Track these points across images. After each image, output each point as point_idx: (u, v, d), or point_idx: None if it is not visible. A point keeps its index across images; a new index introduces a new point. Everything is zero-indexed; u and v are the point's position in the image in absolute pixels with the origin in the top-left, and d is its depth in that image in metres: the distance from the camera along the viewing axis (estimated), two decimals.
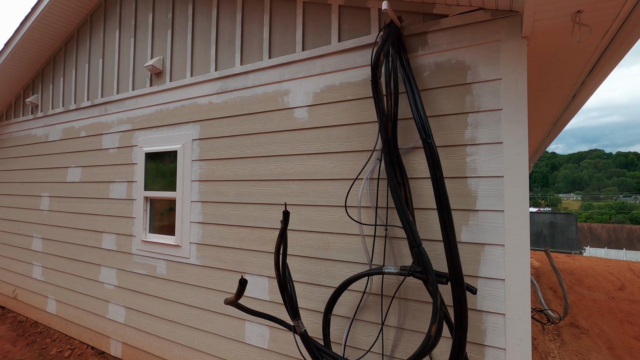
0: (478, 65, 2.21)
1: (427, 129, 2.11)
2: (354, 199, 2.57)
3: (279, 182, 2.95)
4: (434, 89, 2.34)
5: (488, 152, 2.16)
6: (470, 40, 2.22)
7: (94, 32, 4.66)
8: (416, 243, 2.06)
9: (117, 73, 4.29)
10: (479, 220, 2.17)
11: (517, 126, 2.07)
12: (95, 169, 4.45)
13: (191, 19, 3.59)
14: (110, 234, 4.23)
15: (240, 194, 3.16)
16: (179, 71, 3.67)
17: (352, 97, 2.63)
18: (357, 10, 2.65)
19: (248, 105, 3.15)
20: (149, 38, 3.97)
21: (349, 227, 2.60)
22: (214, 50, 3.40)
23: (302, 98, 2.86)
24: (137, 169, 3.98)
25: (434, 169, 2.05)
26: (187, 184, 3.51)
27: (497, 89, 2.14)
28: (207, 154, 3.39)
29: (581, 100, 3.32)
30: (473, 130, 2.21)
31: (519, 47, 2.08)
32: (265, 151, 3.03)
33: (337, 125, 2.69)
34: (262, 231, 3.03)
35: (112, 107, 4.29)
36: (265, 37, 3.07)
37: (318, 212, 2.74)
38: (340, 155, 2.66)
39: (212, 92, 3.38)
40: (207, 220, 3.37)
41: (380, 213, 2.47)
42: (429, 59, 2.36)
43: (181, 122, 3.61)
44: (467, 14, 2.22)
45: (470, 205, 2.19)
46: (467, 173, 2.21)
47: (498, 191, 2.12)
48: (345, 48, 2.65)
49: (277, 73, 2.99)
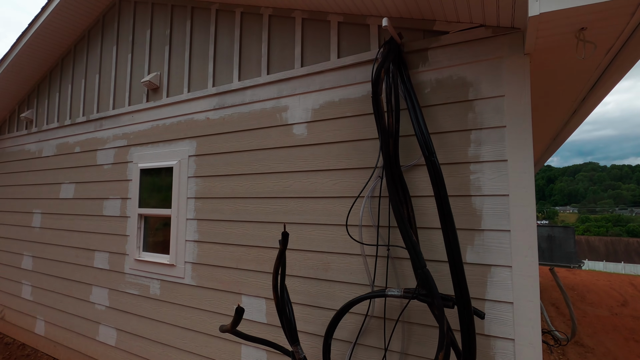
0: (480, 82, 2.17)
1: (430, 146, 2.06)
2: (355, 218, 2.49)
3: (277, 200, 2.87)
4: (435, 105, 2.30)
5: (492, 170, 2.10)
6: (472, 57, 2.20)
7: (91, 48, 4.64)
8: (420, 264, 1.98)
9: (114, 88, 4.25)
10: (484, 240, 2.10)
11: (522, 143, 2.02)
12: (89, 185, 4.36)
13: (189, 35, 3.57)
14: (102, 252, 4.11)
15: (237, 212, 3.08)
16: (176, 87, 3.64)
17: (352, 113, 2.59)
18: (356, 27, 2.64)
19: (246, 122, 3.10)
20: (146, 54, 3.94)
21: (350, 246, 2.51)
22: (211, 66, 3.37)
23: (301, 114, 2.81)
24: (131, 185, 3.89)
25: (438, 188, 1.99)
26: (183, 201, 3.43)
27: (500, 105, 2.11)
28: (204, 170, 3.32)
29: (582, 116, 3.30)
30: (476, 147, 2.16)
31: (521, 64, 2.05)
32: (263, 168, 2.97)
33: (337, 141, 2.63)
34: (259, 250, 2.93)
35: (107, 122, 4.23)
36: (264, 53, 3.05)
37: (318, 231, 2.66)
38: (341, 173, 2.60)
39: (209, 107, 3.34)
40: (202, 239, 3.27)
41: (382, 232, 2.39)
42: (430, 75, 2.33)
43: (177, 138, 3.55)
44: (467, 30, 2.20)
45: (475, 224, 2.12)
46: (471, 191, 2.15)
47: (504, 210, 2.05)
48: (344, 64, 2.62)
49: (276, 89, 2.95)
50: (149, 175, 3.77)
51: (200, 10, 3.53)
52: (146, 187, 3.79)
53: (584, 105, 2.98)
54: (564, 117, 3.39)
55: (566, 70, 2.27)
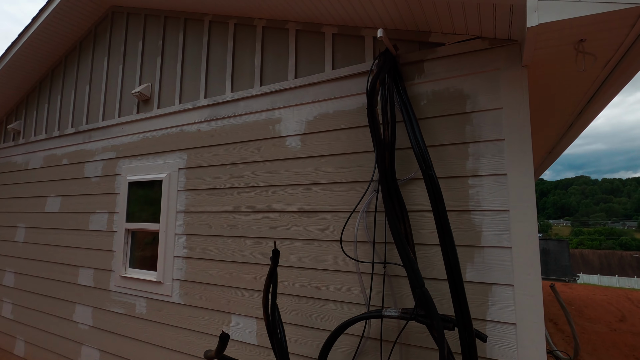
0: (477, 94, 2.13)
1: (427, 160, 1.99)
2: (350, 234, 2.40)
3: (270, 215, 2.77)
4: (432, 117, 2.24)
5: (492, 184, 2.03)
6: (469, 69, 2.16)
7: (82, 59, 4.57)
8: (419, 283, 1.88)
9: (104, 100, 4.16)
10: (484, 257, 2.01)
11: (522, 157, 1.96)
12: (75, 198, 4.22)
13: (182, 46, 3.52)
14: (87, 268, 3.95)
15: (228, 227, 2.97)
16: (167, 98, 3.56)
17: (346, 125, 2.52)
18: (351, 39, 2.60)
19: (238, 134, 3.02)
20: (137, 65, 3.88)
21: (345, 263, 2.41)
22: (204, 77, 3.30)
23: (294, 126, 2.74)
24: (119, 199, 3.77)
25: (436, 202, 1.91)
26: (172, 216, 3.31)
27: (498, 118, 2.05)
28: (194, 183, 3.22)
29: (577, 130, 3.28)
30: (475, 161, 2.09)
31: (519, 76, 2.01)
32: (255, 181, 2.88)
33: (331, 154, 2.56)
34: (250, 267, 2.81)
35: (96, 134, 4.12)
36: (257, 64, 2.99)
37: (311, 246, 2.56)
38: (335, 186, 2.52)
39: (200, 119, 3.26)
40: (191, 255, 3.14)
41: (378, 249, 2.30)
42: (426, 87, 2.28)
43: (168, 151, 3.45)
44: (464, 42, 2.17)
45: (475, 241, 2.04)
46: (470, 206, 2.08)
47: (504, 226, 1.98)
48: (339, 76, 2.57)
49: (269, 101, 2.89)
50: (138, 188, 3.66)
51: (193, 22, 3.49)
52: (134, 201, 3.67)
53: (580, 119, 2.96)
54: (560, 131, 3.36)
55: (563, 83, 2.24)
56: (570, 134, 3.45)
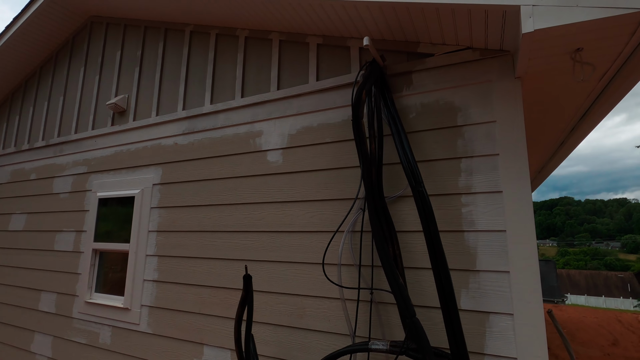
0: (469, 107, 2.00)
1: (417, 175, 1.83)
2: (334, 255, 2.20)
3: (248, 234, 2.56)
4: (421, 131, 2.11)
5: (486, 203, 1.88)
6: (459, 81, 2.04)
7: (57, 70, 4.37)
8: (409, 313, 1.68)
9: (78, 112, 3.94)
10: (480, 283, 1.84)
11: (518, 173, 1.82)
12: (42, 216, 3.92)
13: (161, 56, 3.37)
14: (50, 292, 3.61)
15: (204, 247, 2.73)
16: (144, 110, 3.37)
17: (331, 139, 2.37)
18: (336, 49, 2.48)
19: (216, 147, 2.83)
20: (114, 76, 3.70)
21: (328, 289, 2.20)
22: (182, 89, 3.14)
23: (276, 140, 2.58)
24: (88, 216, 3.49)
25: (427, 222, 1.74)
26: (143, 235, 3.05)
27: (491, 132, 1.93)
28: (169, 200, 3.00)
29: (569, 148, 3.20)
30: (467, 177, 1.95)
31: (512, 88, 1.90)
32: (233, 198, 2.67)
33: (315, 170, 2.39)
34: (226, 293, 2.57)
35: (68, 147, 3.88)
36: (239, 75, 2.85)
37: (292, 269, 2.34)
38: (319, 204, 2.33)
39: (178, 132, 3.07)
40: (163, 278, 2.88)
41: (364, 273, 2.10)
42: (415, 99, 2.16)
43: (142, 165, 3.23)
44: (454, 53, 2.06)
45: (470, 264, 1.87)
46: (463, 226, 1.91)
47: (501, 248, 1.81)
48: (323, 87, 2.44)
49: (250, 113, 2.73)
50: (109, 205, 3.40)
51: (174, 32, 3.35)
52: (104, 219, 3.40)
53: (572, 137, 2.88)
54: (550, 149, 3.28)
55: (557, 96, 2.14)
56: (561, 153, 3.37)
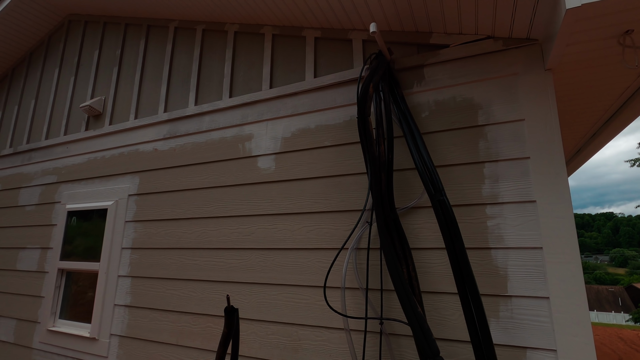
0: (491, 104, 1.74)
1: (437, 182, 1.54)
2: (337, 277, 1.87)
3: (235, 252, 2.22)
4: (436, 132, 1.83)
5: (516, 214, 1.59)
6: (479, 75, 1.79)
7: (30, 71, 4.03)
8: (432, 351, 1.36)
9: (50, 116, 3.60)
10: (513, 311, 1.53)
11: (554, 179, 1.55)
12: (4, 231, 3.51)
13: (142, 54, 3.07)
14: (8, 319, 3.18)
15: (184, 267, 2.38)
16: (122, 113, 3.05)
17: (331, 142, 2.08)
18: (336, 43, 2.22)
19: (200, 153, 2.52)
20: (91, 76, 3.38)
21: (329, 317, 1.86)
22: (164, 89, 2.83)
23: (268, 144, 2.28)
24: (55, 231, 3.11)
25: (451, 238, 1.44)
26: (116, 253, 2.69)
27: (519, 132, 1.66)
28: (145, 213, 2.65)
29: (584, 157, 2.96)
30: (492, 184, 1.66)
31: (542, 82, 1.65)
32: (218, 210, 2.34)
33: (312, 177, 2.09)
34: (208, 320, 2.21)
35: (37, 154, 3.51)
36: (227, 73, 2.56)
37: (286, 294, 2.01)
38: (317, 217, 2.02)
39: (158, 137, 2.75)
40: (136, 303, 2.50)
41: (372, 297, 1.78)
42: (428, 96, 1.89)
43: (117, 174, 2.89)
44: (472, 43, 1.81)
45: (499, 288, 1.56)
46: (489, 242, 1.62)
47: (537, 269, 1.52)
48: (322, 85, 2.16)
49: (239, 114, 2.43)
50: (79, 219, 3.03)
51: (157, 29, 3.07)
52: (73, 235, 3.02)
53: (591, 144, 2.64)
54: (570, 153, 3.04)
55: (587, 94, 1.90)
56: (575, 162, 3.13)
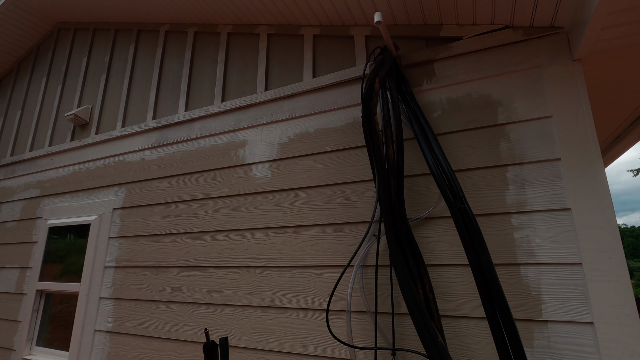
0: (512, 100, 1.55)
1: (457, 188, 1.34)
2: (341, 299, 1.64)
3: (227, 270, 1.99)
4: (450, 133, 1.63)
5: (548, 224, 1.38)
6: (497, 68, 1.60)
7: (18, 82, 3.88)
8: None
9: (35, 127, 3.42)
10: (550, 339, 1.30)
11: (591, 183, 1.34)
12: None
13: (131, 60, 2.91)
14: None
15: (170, 288, 2.14)
16: (109, 122, 2.87)
17: (332, 147, 1.88)
18: (337, 40, 2.05)
19: (190, 162, 2.32)
20: (79, 85, 3.21)
21: (333, 345, 1.62)
22: (153, 95, 2.66)
23: (263, 151, 2.08)
24: (35, 249, 2.88)
25: (476, 252, 1.22)
26: (98, 272, 2.45)
27: (546, 130, 1.46)
28: (131, 228, 2.43)
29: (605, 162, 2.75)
30: (518, 190, 1.45)
31: (570, 73, 1.46)
32: (209, 224, 2.13)
33: (312, 186, 1.88)
34: (196, 348, 1.96)
35: (20, 167, 3.32)
36: (219, 76, 2.39)
37: (283, 318, 1.77)
38: (317, 230, 1.80)
39: (146, 146, 2.55)
40: (118, 329, 2.26)
41: (382, 323, 1.54)
42: (439, 94, 1.70)
43: (102, 186, 2.68)
44: (488, 34, 1.63)
45: (532, 312, 1.33)
46: (518, 258, 1.40)
47: (577, 289, 1.29)
48: (322, 85, 1.98)
49: (232, 119, 2.24)
50: (60, 235, 2.81)
51: (147, 33, 2.92)
52: (53, 253, 2.79)
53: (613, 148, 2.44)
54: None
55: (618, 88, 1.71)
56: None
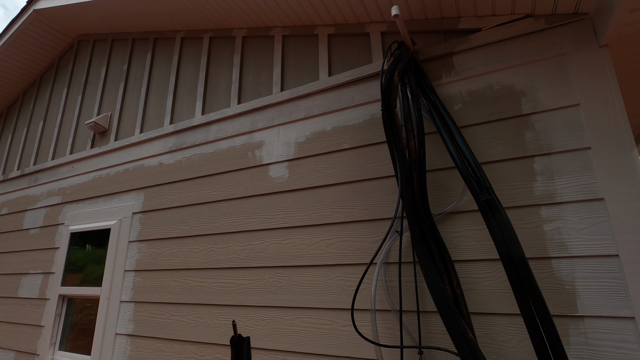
0: (536, 90, 1.51)
1: (483, 179, 1.30)
2: (363, 298, 1.61)
3: (245, 271, 1.98)
4: (471, 126, 1.59)
5: (580, 216, 1.32)
6: (519, 58, 1.56)
7: (40, 93, 4.00)
8: None
9: (57, 136, 3.51)
10: (587, 335, 1.23)
11: (624, 171, 1.28)
12: (8, 256, 3.36)
13: (148, 68, 2.97)
14: (8, 350, 2.97)
15: (190, 290, 2.14)
16: (127, 128, 2.92)
17: (350, 144, 1.86)
18: (352, 38, 2.05)
19: (208, 165, 2.33)
20: (98, 93, 3.29)
21: (356, 345, 1.58)
22: (170, 100, 2.70)
23: (280, 151, 2.07)
24: (58, 255, 2.93)
25: (507, 244, 1.18)
26: (119, 276, 2.47)
27: (574, 119, 1.41)
28: (150, 232, 2.45)
29: None
30: (546, 181, 1.40)
31: (598, 60, 1.41)
32: (227, 226, 2.12)
33: (331, 184, 1.86)
34: (217, 350, 1.95)
35: (43, 176, 3.40)
36: (235, 79, 2.41)
37: (304, 318, 1.74)
38: (337, 229, 1.78)
39: (164, 150, 2.58)
40: (139, 332, 2.26)
41: (407, 321, 1.50)
42: (459, 87, 1.67)
43: (122, 191, 2.72)
44: (508, 24, 1.60)
45: (567, 307, 1.27)
46: (549, 251, 1.34)
47: (615, 282, 1.23)
48: (338, 83, 1.97)
49: (248, 121, 2.25)
50: (81, 240, 2.85)
51: (164, 41, 2.98)
52: (75, 258, 2.84)
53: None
54: None
55: None
56: None
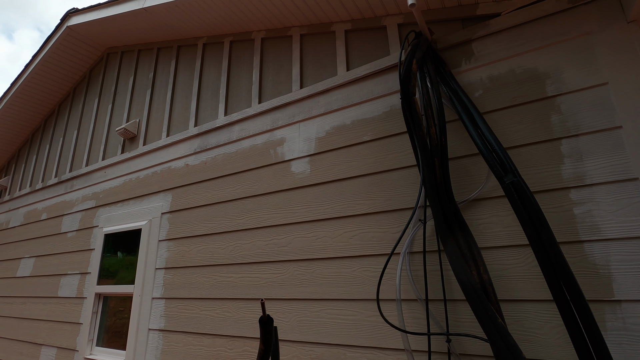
0: (561, 71, 1.47)
1: (508, 162, 1.28)
2: (387, 288, 1.60)
3: (270, 265, 2.02)
4: (494, 111, 1.57)
5: (613, 197, 1.27)
6: (541, 40, 1.53)
7: (74, 105, 4.24)
8: None
9: (90, 143, 3.70)
10: (625, 320, 1.18)
11: None
12: (49, 258, 3.56)
13: (173, 74, 3.09)
14: (50, 347, 3.14)
15: (217, 285, 2.20)
16: (155, 133, 3.04)
17: (370, 137, 1.87)
18: (369, 32, 2.06)
19: (231, 164, 2.40)
20: (127, 102, 3.45)
21: (383, 335, 1.58)
22: (194, 104, 2.79)
23: (301, 146, 2.11)
24: (93, 256, 3.08)
25: (535, 227, 1.15)
26: (150, 274, 2.57)
27: (603, 98, 1.36)
28: (178, 230, 2.53)
29: None
30: (575, 163, 1.36)
31: (626, 36, 1.36)
32: (252, 222, 2.17)
33: (352, 177, 1.87)
34: (245, 343, 1.99)
35: (78, 182, 3.59)
36: (255, 79, 2.47)
37: (330, 310, 1.75)
38: (359, 220, 1.79)
39: (189, 152, 2.68)
40: (170, 327, 2.34)
41: (433, 310, 1.48)
42: (479, 73, 1.65)
43: (150, 193, 2.83)
44: (529, 7, 1.57)
45: (602, 291, 1.22)
46: (580, 234, 1.30)
47: None
48: (356, 77, 1.98)
49: (269, 119, 2.30)
50: (114, 241, 2.98)
51: (187, 48, 3.09)
52: (109, 258, 2.97)
53: None
54: None
55: None
56: None
